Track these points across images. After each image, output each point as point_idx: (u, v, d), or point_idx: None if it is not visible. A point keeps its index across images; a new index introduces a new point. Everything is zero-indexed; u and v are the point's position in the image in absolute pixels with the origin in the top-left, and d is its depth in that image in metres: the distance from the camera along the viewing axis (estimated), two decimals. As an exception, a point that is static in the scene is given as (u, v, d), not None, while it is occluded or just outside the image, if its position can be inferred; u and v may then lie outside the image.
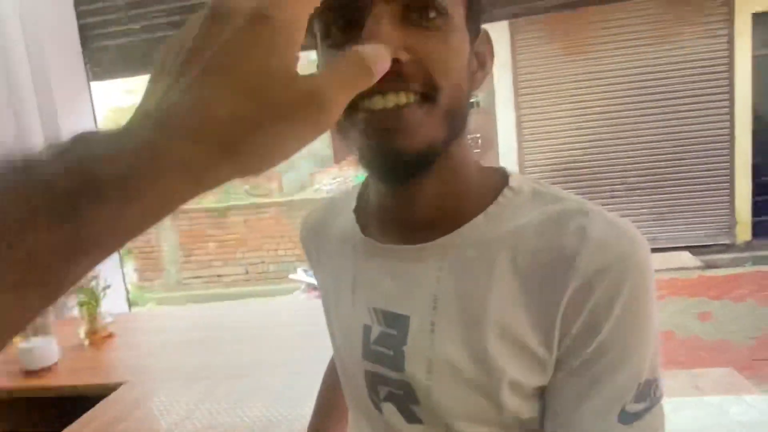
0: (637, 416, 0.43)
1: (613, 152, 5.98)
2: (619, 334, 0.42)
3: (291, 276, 4.04)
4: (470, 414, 0.47)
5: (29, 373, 1.53)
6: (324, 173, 13.99)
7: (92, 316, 1.75)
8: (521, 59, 6.16)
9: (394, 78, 0.37)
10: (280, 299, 3.56)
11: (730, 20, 5.60)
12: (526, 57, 6.15)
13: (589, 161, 6.09)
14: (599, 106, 5.95)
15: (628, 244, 0.43)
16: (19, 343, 1.59)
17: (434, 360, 0.46)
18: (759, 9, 5.50)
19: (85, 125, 2.77)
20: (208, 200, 9.86)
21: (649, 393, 0.44)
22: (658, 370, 0.44)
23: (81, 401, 1.34)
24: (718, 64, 5.72)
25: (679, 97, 5.77)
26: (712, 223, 5.95)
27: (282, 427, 1.07)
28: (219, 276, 7.02)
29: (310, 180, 14.40)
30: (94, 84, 2.81)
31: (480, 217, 0.47)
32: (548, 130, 6.19)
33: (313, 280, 3.76)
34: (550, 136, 6.20)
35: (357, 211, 0.56)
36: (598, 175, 6.09)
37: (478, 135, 6.36)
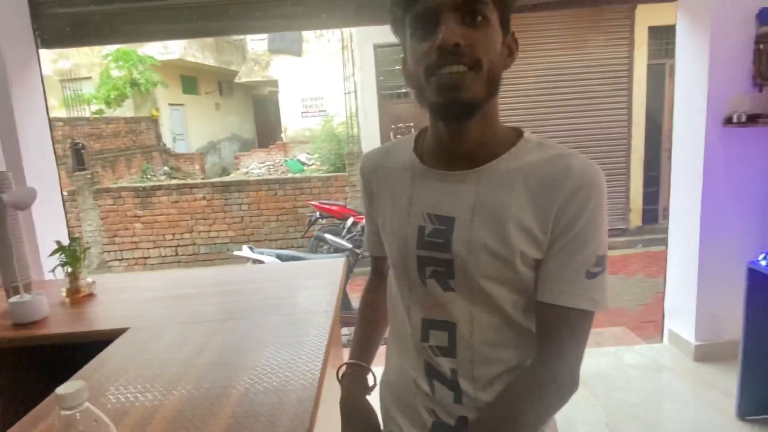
0: (595, 275, 0.72)
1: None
2: (587, 226, 0.70)
3: (236, 253, 4.11)
4: (493, 275, 0.73)
5: (20, 326, 1.60)
6: (248, 157, 13.78)
7: (74, 276, 1.82)
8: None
9: (454, 56, 0.67)
10: (242, 266, 3.65)
11: (630, 32, 6.36)
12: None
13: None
14: (521, 104, 6.51)
15: (595, 173, 0.71)
16: (9, 299, 1.65)
17: (472, 242, 0.73)
18: (655, 23, 6.31)
19: (33, 93, 2.71)
20: (130, 180, 9.40)
21: (602, 262, 0.72)
22: (605, 250, 0.73)
23: (79, 350, 1.45)
24: (620, 70, 6.48)
25: (586, 98, 6.47)
26: (611, 210, 6.77)
27: (295, 348, 1.28)
28: (146, 258, 6.82)
29: (235, 163, 14.11)
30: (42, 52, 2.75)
31: (505, 155, 0.75)
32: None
33: (259, 257, 3.89)
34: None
35: (416, 150, 0.82)
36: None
37: (412, 124, 6.71)
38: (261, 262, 3.86)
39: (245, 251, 3.97)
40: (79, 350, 1.46)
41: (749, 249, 2.76)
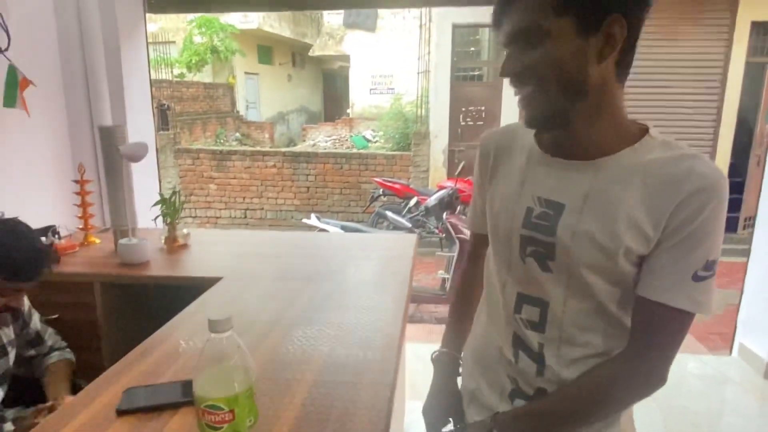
0: (703, 278, 0.71)
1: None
2: (702, 228, 0.70)
3: (305, 221, 4.29)
4: (593, 265, 0.75)
5: (127, 266, 1.80)
6: (315, 129, 14.07)
7: (172, 225, 2.01)
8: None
9: (516, 83, 0.75)
10: (316, 233, 3.83)
11: (731, 25, 5.92)
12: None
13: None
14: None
15: (718, 178, 0.70)
16: (119, 240, 1.84)
17: (578, 231, 0.75)
18: (760, 18, 5.83)
19: (139, 55, 2.93)
20: (204, 143, 9.89)
21: (712, 267, 0.71)
22: (717, 255, 0.72)
23: (181, 291, 1.61)
24: (714, 66, 6.06)
25: (673, 92, 6.11)
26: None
27: (375, 312, 1.37)
28: (217, 218, 7.22)
29: (302, 135, 14.48)
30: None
31: (627, 150, 0.74)
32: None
33: (325, 226, 4.04)
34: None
35: (535, 136, 0.84)
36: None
37: (483, 108, 6.62)
38: (326, 231, 4.01)
39: (313, 220, 4.14)
40: (172, 293, 1.63)
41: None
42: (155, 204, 2.00)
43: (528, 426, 0.82)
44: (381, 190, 6.17)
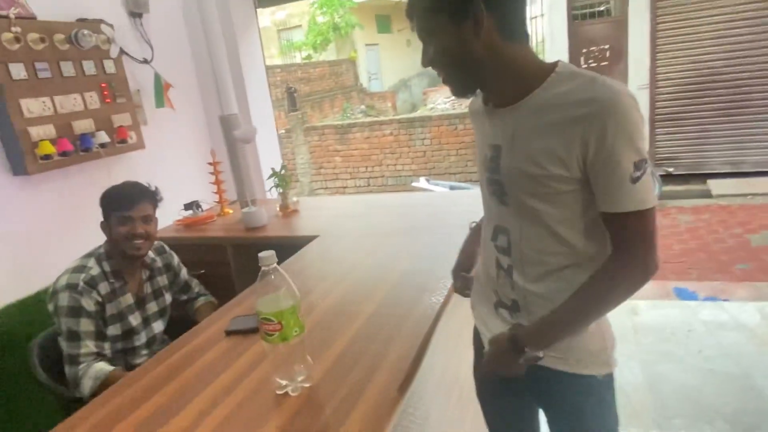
0: (638, 178, 0.81)
1: (756, 65, 5.40)
2: (614, 145, 0.80)
3: (414, 184, 4.51)
4: (533, 193, 0.89)
5: (250, 229, 2.18)
6: (435, 92, 14.06)
7: (285, 195, 2.35)
8: (662, -40, 5.62)
9: (433, 69, 0.94)
10: (420, 192, 4.06)
11: None
12: (668, -43, 5.60)
13: (729, 75, 5.59)
14: (742, 11, 5.33)
15: (608, 96, 0.79)
16: (242, 209, 2.24)
17: (512, 166, 0.90)
18: None
19: (253, 47, 3.32)
20: (333, 118, 10.58)
21: (641, 166, 0.81)
22: (641, 154, 0.81)
23: (288, 248, 1.93)
24: None
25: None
26: None
27: (438, 259, 1.53)
28: (344, 188, 7.80)
29: (423, 99, 14.59)
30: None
31: (538, 90, 0.87)
32: (685, 40, 5.71)
33: (433, 187, 4.21)
34: (687, 47, 5.73)
35: (483, 96, 1.00)
36: (737, 90, 5.58)
37: (607, 46, 6.07)
38: (431, 191, 4.18)
39: (422, 182, 4.34)
40: (286, 249, 1.95)
41: None
42: (269, 177, 2.35)
43: (548, 327, 0.92)
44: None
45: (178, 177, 2.70)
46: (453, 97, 12.31)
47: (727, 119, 5.70)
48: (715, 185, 5.73)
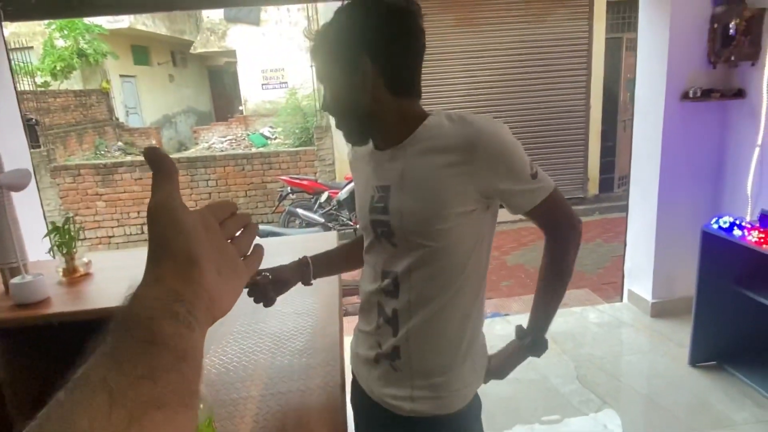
0: (535, 174, 0.90)
1: (497, 117, 6.69)
2: (507, 166, 0.87)
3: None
4: (424, 231, 0.90)
5: (23, 307, 1.61)
6: (207, 131, 13.39)
7: (70, 256, 1.83)
8: (418, 26, 6.54)
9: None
10: None
11: (590, 5, 6.54)
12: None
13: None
14: (486, 76, 6.62)
15: (476, 130, 0.86)
16: (11, 279, 1.65)
17: (403, 205, 0.91)
18: (612, -2, 6.50)
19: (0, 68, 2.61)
20: (82, 156, 9.00)
21: (532, 166, 0.90)
22: (527, 158, 0.90)
23: (83, 329, 1.49)
24: (580, 44, 6.67)
25: (547, 71, 6.63)
26: (570, 179, 7.08)
27: (312, 316, 1.37)
28: (110, 237, 6.65)
29: (194, 138, 13.69)
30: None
31: (420, 128, 0.91)
32: (444, 96, 6.73)
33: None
34: (445, 103, 6.75)
35: (372, 143, 1.01)
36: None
37: (380, 96, 6.72)
38: (239, 237, 3.88)
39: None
40: (83, 329, 1.50)
41: (702, 214, 3.02)
42: (48, 234, 1.80)
43: (543, 319, 1.06)
44: (289, 188, 6.06)
45: None
46: (230, 137, 11.93)
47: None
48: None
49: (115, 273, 1.89)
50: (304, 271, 1.16)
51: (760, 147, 2.70)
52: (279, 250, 2.05)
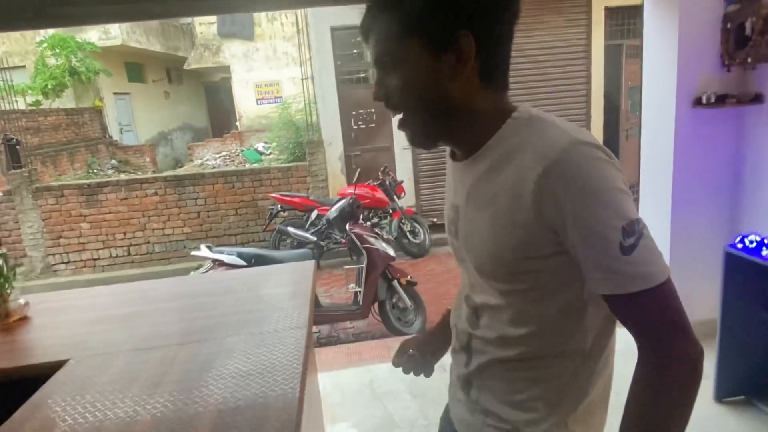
0: (633, 246, 0.62)
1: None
2: (577, 204, 0.63)
3: (194, 253, 3.85)
4: (484, 272, 0.75)
5: (-65, 364, 1.36)
6: (201, 147, 13.22)
7: (3, 298, 1.58)
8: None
9: (387, 106, 0.75)
10: (199, 275, 3.39)
11: (588, 13, 6.37)
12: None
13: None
14: (481, 85, 6.42)
15: (560, 150, 0.64)
16: None
17: (467, 234, 0.76)
18: (611, 4, 6.33)
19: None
20: (75, 176, 8.80)
21: (632, 229, 0.62)
22: (630, 216, 0.63)
23: (16, 386, 1.25)
24: (579, 51, 6.49)
25: (546, 79, 6.45)
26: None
27: (267, 376, 1.12)
28: (95, 259, 6.40)
29: (188, 155, 13.51)
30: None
31: (489, 142, 0.72)
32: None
33: (218, 256, 3.65)
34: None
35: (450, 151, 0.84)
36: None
37: (373, 110, 6.51)
38: (221, 261, 3.63)
39: (203, 251, 3.73)
40: (14, 387, 1.25)
41: (720, 230, 2.77)
42: (-28, 274, 1.56)
43: None
44: (279, 205, 5.83)
45: None
46: (224, 153, 11.75)
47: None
48: (470, 231, 6.57)
49: (56, 317, 1.65)
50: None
51: (782, 156, 2.46)
52: (249, 284, 1.77)
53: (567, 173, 0.63)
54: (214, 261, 3.68)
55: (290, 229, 5.36)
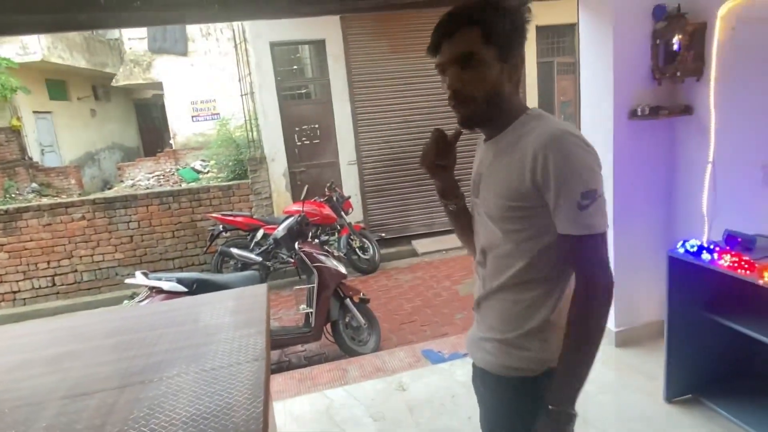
0: (586, 206, 0.94)
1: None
2: (558, 174, 0.94)
3: (129, 281, 3.57)
4: (493, 219, 1.06)
5: None
6: (134, 167, 12.53)
7: None
8: (353, 54, 6.38)
9: (455, 94, 1.04)
10: (136, 306, 3.11)
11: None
12: (357, 53, 6.39)
13: (415, 152, 6.63)
14: (421, 101, 6.51)
15: (551, 132, 0.96)
16: None
17: (486, 192, 1.08)
18: (542, 23, 6.63)
19: None
20: (-13, 202, 8.02)
21: (589, 196, 0.94)
22: (590, 186, 0.94)
23: None
24: (514, 68, 6.74)
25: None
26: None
27: (223, 418, 1.00)
28: (15, 292, 5.82)
29: (118, 175, 12.75)
30: None
31: (509, 128, 1.05)
32: (379, 122, 6.56)
33: (156, 283, 3.40)
34: (381, 128, 6.57)
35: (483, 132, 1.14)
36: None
37: (317, 125, 6.41)
38: (159, 289, 3.38)
39: (139, 278, 3.46)
40: None
41: (659, 235, 2.90)
42: None
43: (567, 385, 1.02)
44: (221, 225, 5.57)
45: None
46: (158, 173, 11.17)
47: (420, 188, 6.69)
48: (418, 245, 6.58)
49: (-34, 364, 1.42)
50: (458, 193, 1.24)
51: (711, 164, 2.61)
52: (195, 314, 1.62)
53: (554, 151, 0.94)
54: (151, 288, 3.42)
55: (234, 251, 5.13)
